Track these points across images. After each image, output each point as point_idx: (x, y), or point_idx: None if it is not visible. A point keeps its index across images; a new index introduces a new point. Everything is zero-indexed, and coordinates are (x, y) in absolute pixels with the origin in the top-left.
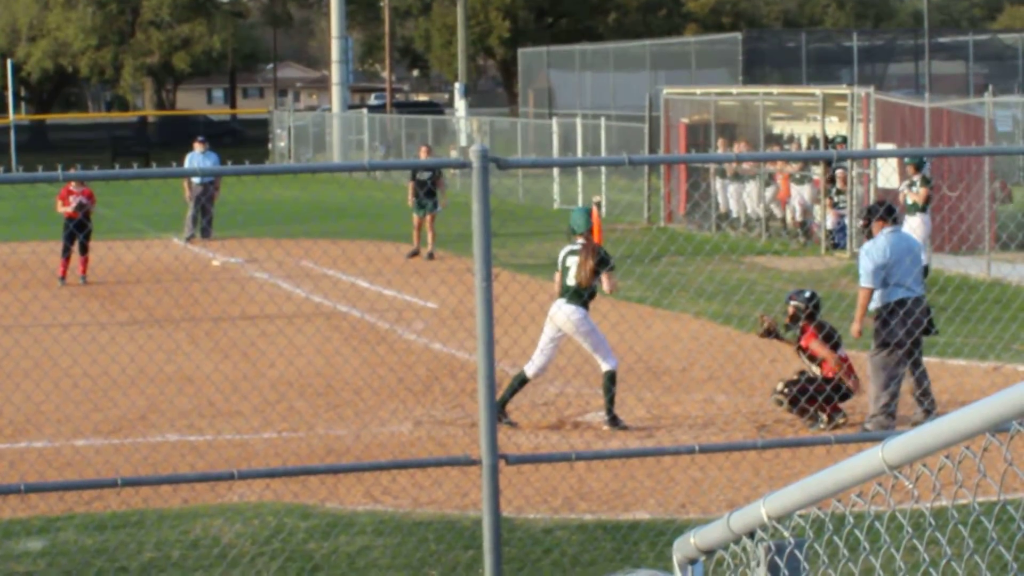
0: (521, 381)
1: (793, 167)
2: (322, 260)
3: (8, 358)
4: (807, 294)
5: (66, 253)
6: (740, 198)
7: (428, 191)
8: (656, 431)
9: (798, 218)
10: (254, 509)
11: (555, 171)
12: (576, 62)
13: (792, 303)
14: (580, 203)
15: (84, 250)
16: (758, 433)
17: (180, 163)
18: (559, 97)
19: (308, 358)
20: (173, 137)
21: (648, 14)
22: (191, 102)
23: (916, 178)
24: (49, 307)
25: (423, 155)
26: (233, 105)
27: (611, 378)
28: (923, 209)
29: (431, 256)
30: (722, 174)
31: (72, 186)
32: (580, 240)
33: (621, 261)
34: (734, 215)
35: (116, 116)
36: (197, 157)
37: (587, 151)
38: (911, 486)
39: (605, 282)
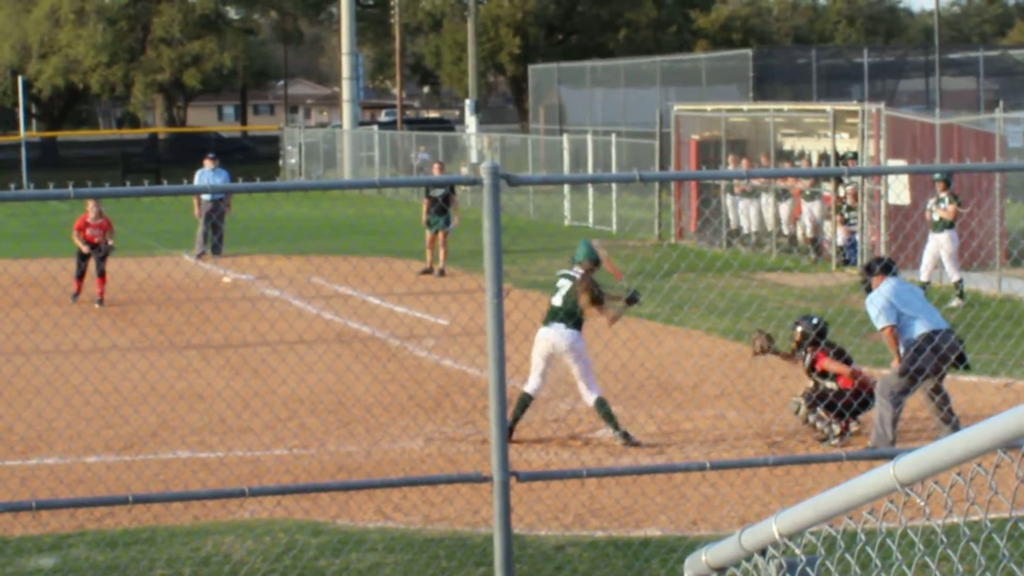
0: (524, 403)
1: (804, 183)
2: (333, 277)
3: (19, 376)
4: (814, 320)
5: (80, 274)
6: (751, 214)
7: (440, 208)
8: (667, 447)
9: (808, 234)
10: (265, 526)
11: (566, 188)
12: (587, 79)
13: (799, 328)
14: (591, 219)
15: (101, 273)
16: (769, 450)
17: (191, 180)
18: (570, 113)
19: (319, 375)
20: (184, 154)
21: (659, 31)
22: (202, 119)
23: (944, 195)
24: (60, 324)
25: (436, 172)
26: (244, 122)
27: (601, 403)
28: (950, 226)
29: (442, 273)
30: (732, 190)
31: (89, 217)
32: (578, 268)
33: (632, 277)
34: (745, 232)
35: (127, 133)
36: (207, 174)
37: (598, 168)
38: (923, 503)
39: (602, 315)
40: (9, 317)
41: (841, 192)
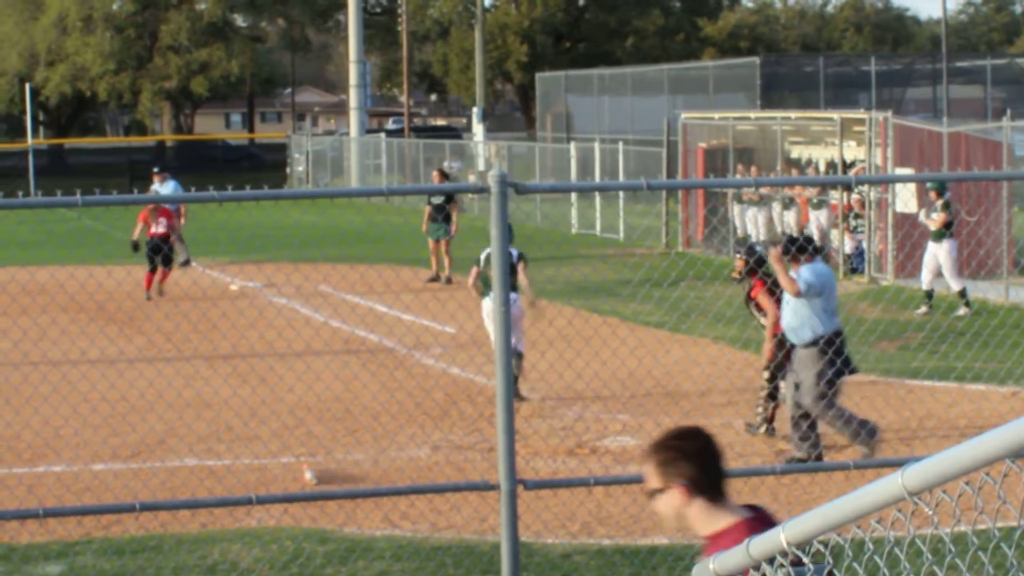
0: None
1: (811, 192)
2: (340, 285)
3: (27, 383)
4: (757, 248)
5: (152, 267)
6: (758, 223)
7: (445, 215)
8: None
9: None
10: (272, 534)
11: (573, 196)
12: (594, 87)
13: (738, 256)
14: (598, 227)
15: (168, 263)
16: (776, 458)
17: (198, 187)
18: (577, 121)
19: (326, 383)
20: (191, 161)
21: (666, 39)
22: (209, 127)
23: (938, 203)
24: (68, 332)
25: (436, 179)
26: (251, 130)
27: (519, 356)
28: (950, 235)
29: (449, 281)
30: (738, 199)
31: (151, 207)
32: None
33: (639, 286)
34: (752, 240)
35: (134, 140)
36: (156, 188)
37: (605, 176)
38: (931, 512)
39: (521, 273)
40: (17, 325)
41: (849, 200)
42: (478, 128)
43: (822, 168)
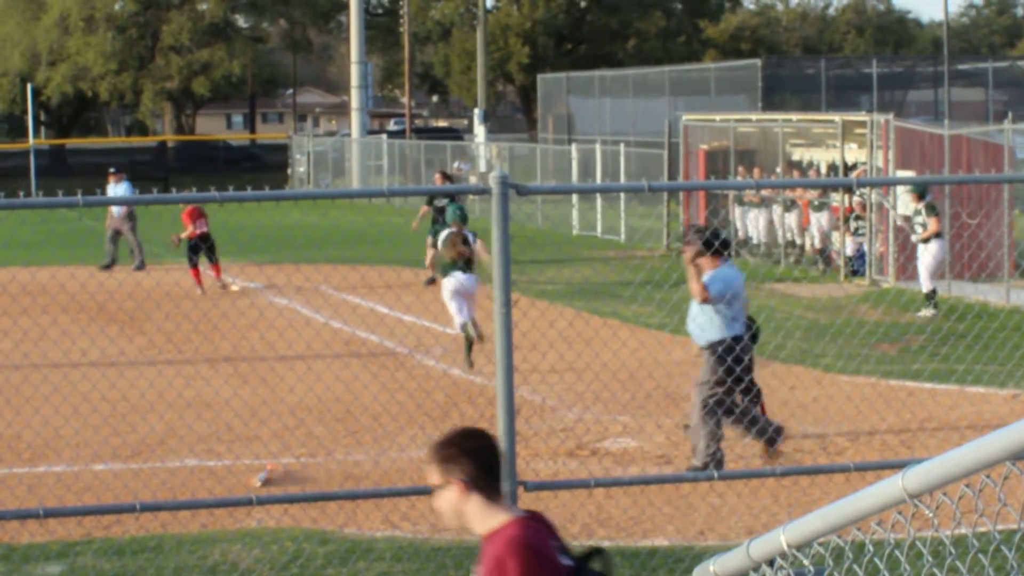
0: (469, 336)
1: (812, 194)
2: (341, 286)
3: (28, 383)
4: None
5: (193, 264)
6: (759, 225)
7: (444, 217)
8: (675, 458)
9: (817, 245)
10: (272, 534)
11: (574, 197)
12: (595, 88)
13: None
14: (599, 229)
15: (214, 259)
16: (777, 460)
17: (200, 188)
18: (578, 123)
19: (327, 384)
20: (193, 162)
21: (668, 40)
22: (211, 127)
23: (920, 206)
24: (69, 332)
25: (438, 181)
26: (253, 130)
27: (464, 326)
28: (938, 235)
29: (433, 281)
30: (739, 201)
31: (191, 210)
32: (454, 228)
33: (641, 288)
34: (754, 242)
35: (136, 141)
36: (111, 188)
37: (606, 177)
38: (931, 514)
39: (480, 248)
40: (18, 325)
41: (850, 202)
42: (479, 129)
43: (823, 170)
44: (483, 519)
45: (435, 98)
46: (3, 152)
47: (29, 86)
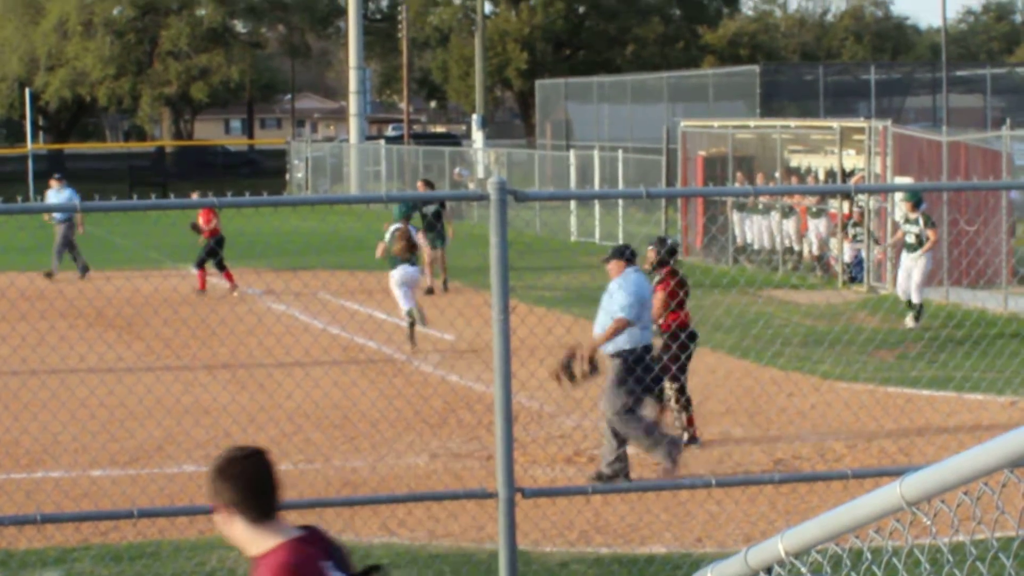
0: (413, 319)
1: (810, 200)
2: (340, 292)
3: (26, 388)
4: (668, 240)
5: (202, 265)
6: (757, 231)
7: (430, 224)
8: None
9: (815, 251)
10: None
11: (572, 203)
12: (594, 94)
13: (651, 247)
14: (597, 235)
15: (223, 267)
16: (775, 467)
17: (201, 193)
18: (576, 129)
19: (325, 390)
20: (191, 167)
21: (666, 46)
22: (209, 132)
23: (915, 216)
24: (67, 337)
25: (420, 188)
26: (251, 136)
27: (410, 313)
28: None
29: (445, 287)
30: (739, 207)
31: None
32: (398, 224)
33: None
34: (752, 248)
35: (134, 146)
36: (54, 194)
37: (605, 183)
38: (929, 522)
39: (421, 241)
40: (15, 330)
41: (848, 209)
42: (478, 135)
43: (821, 177)
44: (251, 543)
45: (433, 104)
46: (1, 157)
47: (27, 91)
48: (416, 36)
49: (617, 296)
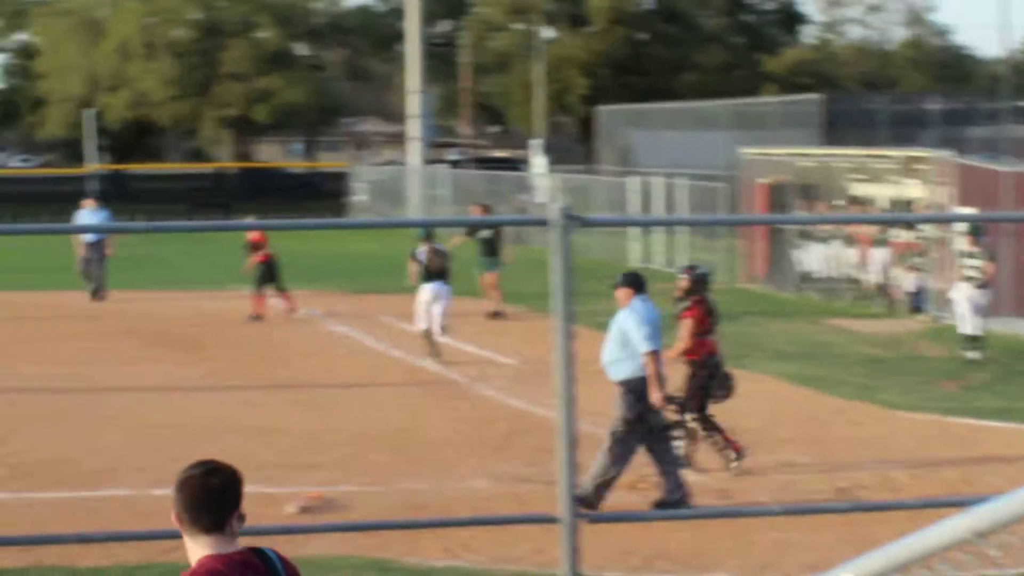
0: (428, 335)
1: (872, 229)
2: (403, 315)
3: (90, 407)
4: (698, 270)
5: (260, 291)
6: (821, 260)
7: (493, 248)
8: (735, 491)
9: (877, 281)
10: (332, 563)
11: (633, 229)
12: (655, 121)
13: (682, 276)
14: (658, 261)
15: (282, 289)
16: (838, 496)
17: (261, 216)
18: (637, 155)
19: (389, 413)
20: (252, 189)
21: (727, 74)
22: (270, 155)
23: (976, 250)
24: (131, 357)
25: (477, 212)
26: (312, 158)
27: (427, 333)
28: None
29: (500, 313)
30: (802, 235)
31: (256, 236)
32: (427, 244)
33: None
34: (815, 276)
35: (195, 167)
36: (86, 214)
37: (665, 210)
38: (997, 554)
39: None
40: (82, 350)
41: (910, 239)
42: (538, 160)
43: (884, 206)
44: (190, 553)
45: (494, 128)
46: (63, 177)
47: (90, 112)
48: (477, 61)
49: (632, 330)
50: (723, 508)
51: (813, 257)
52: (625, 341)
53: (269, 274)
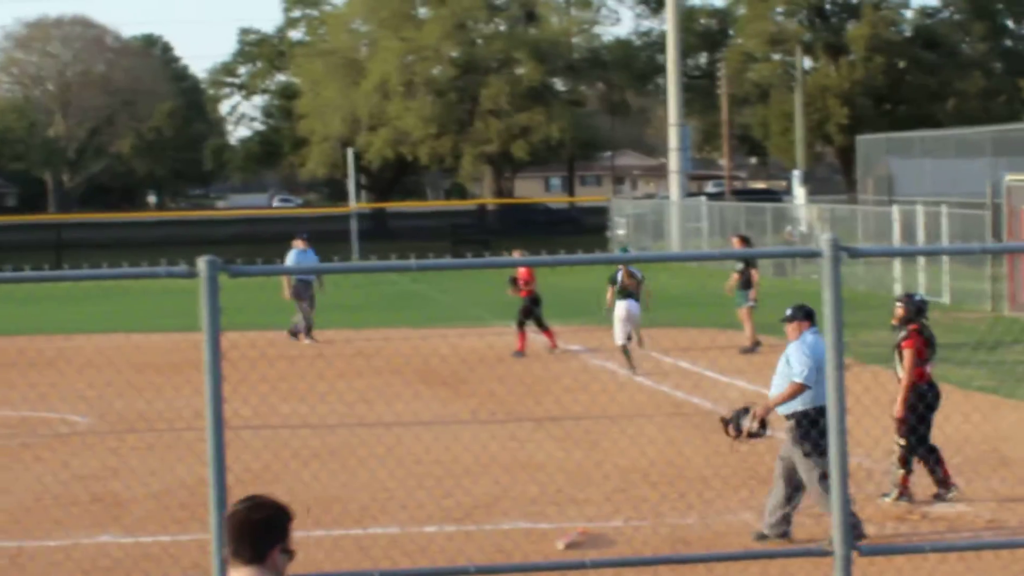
0: (626, 351)
1: None
2: (670, 349)
3: (363, 445)
4: (916, 297)
5: (522, 327)
6: None
7: (746, 281)
8: (1009, 522)
9: None
10: None
11: (897, 260)
12: (915, 149)
13: (899, 304)
14: (922, 290)
15: (544, 325)
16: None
17: (522, 253)
18: (898, 184)
19: (659, 447)
20: (512, 225)
21: (988, 100)
22: (529, 190)
23: None
24: (402, 395)
25: (737, 244)
26: (571, 193)
27: (625, 349)
28: None
29: (756, 345)
30: None
31: (524, 272)
32: (621, 268)
33: (974, 351)
34: None
35: (455, 204)
36: (298, 254)
37: (928, 239)
38: None
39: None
40: (352, 387)
41: None
42: (799, 191)
43: None
44: None
45: (753, 160)
46: (326, 216)
47: (351, 150)
48: (736, 92)
49: (794, 361)
50: (998, 540)
51: None
52: (787, 374)
53: (532, 310)
